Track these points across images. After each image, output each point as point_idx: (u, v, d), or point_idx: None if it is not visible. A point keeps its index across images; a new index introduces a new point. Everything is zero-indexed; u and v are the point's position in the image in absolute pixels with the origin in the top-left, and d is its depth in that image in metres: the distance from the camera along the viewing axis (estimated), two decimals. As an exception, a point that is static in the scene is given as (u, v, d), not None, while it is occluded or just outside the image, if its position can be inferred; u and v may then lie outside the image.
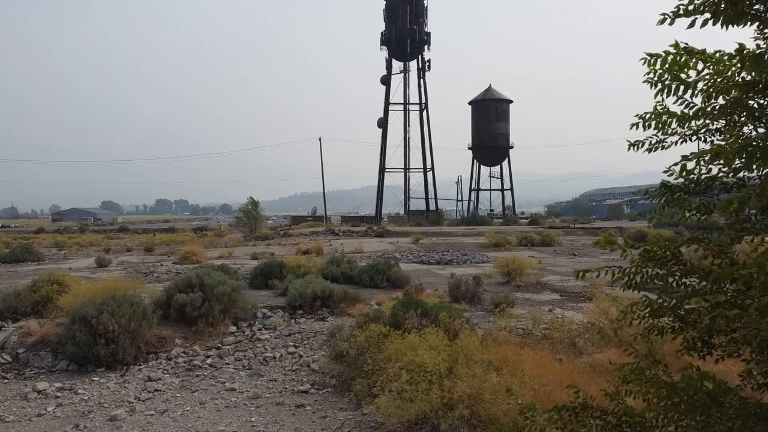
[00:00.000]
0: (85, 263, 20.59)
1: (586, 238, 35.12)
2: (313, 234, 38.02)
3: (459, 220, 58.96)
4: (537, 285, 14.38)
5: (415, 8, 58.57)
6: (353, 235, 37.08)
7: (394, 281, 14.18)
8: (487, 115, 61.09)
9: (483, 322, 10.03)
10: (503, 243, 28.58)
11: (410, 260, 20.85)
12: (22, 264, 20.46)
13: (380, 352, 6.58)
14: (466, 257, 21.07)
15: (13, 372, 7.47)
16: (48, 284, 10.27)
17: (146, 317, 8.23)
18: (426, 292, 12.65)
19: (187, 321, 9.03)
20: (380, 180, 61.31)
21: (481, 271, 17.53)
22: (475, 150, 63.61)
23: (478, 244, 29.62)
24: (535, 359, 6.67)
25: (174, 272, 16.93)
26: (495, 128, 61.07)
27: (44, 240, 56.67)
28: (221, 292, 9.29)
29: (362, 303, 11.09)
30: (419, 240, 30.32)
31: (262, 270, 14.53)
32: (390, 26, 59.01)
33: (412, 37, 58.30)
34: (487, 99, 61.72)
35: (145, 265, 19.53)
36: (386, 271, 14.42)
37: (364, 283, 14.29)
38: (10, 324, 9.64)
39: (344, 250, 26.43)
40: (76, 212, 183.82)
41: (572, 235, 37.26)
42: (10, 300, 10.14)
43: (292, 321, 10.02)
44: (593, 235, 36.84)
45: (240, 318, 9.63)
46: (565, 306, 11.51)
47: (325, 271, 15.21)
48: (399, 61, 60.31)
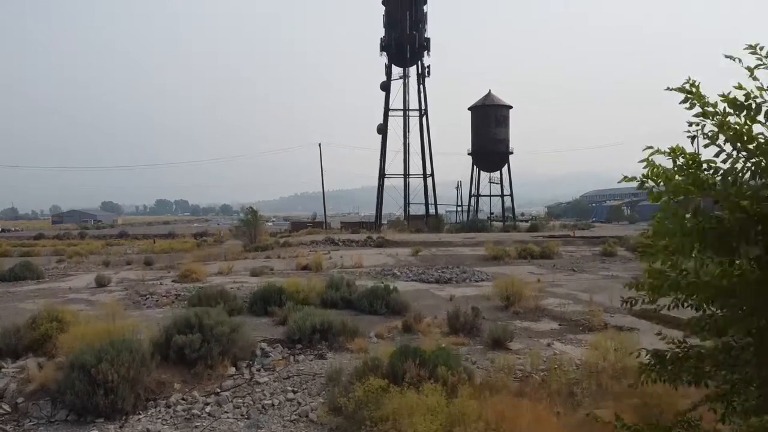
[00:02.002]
0: (85, 281, 20.61)
1: (585, 248, 35.16)
2: (313, 243, 38.03)
3: (459, 226, 58.95)
4: (536, 310, 14.39)
5: (414, 14, 58.53)
6: (353, 245, 37.09)
7: (393, 307, 14.20)
8: (487, 120, 61.06)
9: (482, 358, 10.06)
10: (503, 256, 28.63)
11: (409, 278, 20.87)
12: (22, 282, 20.48)
13: (378, 408, 6.61)
14: (465, 275, 21.08)
15: (12, 423, 7.49)
16: (47, 321, 10.28)
17: (145, 363, 8.25)
18: (425, 321, 12.68)
19: (186, 363, 9.04)
20: (380, 186, 61.31)
21: (480, 291, 17.56)
22: (474, 155, 63.61)
23: (478, 257, 29.64)
24: (533, 415, 6.69)
25: (174, 294, 16.94)
26: (495, 134, 61.03)
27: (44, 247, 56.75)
28: (220, 333, 9.31)
29: (361, 337, 11.10)
30: (418, 252, 30.33)
31: (261, 295, 14.55)
32: (389, 32, 58.98)
33: (412, 43, 58.28)
34: (486, 105, 61.68)
35: (145, 285, 19.54)
36: (385, 297, 14.44)
37: (363, 309, 14.31)
38: (10, 363, 9.67)
39: (344, 263, 26.49)
40: (75, 214, 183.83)
41: (572, 245, 37.26)
42: (10, 337, 10.16)
43: (291, 358, 10.04)
44: (593, 245, 36.91)
45: (239, 357, 9.64)
46: (564, 339, 11.53)
47: (324, 296, 15.24)
48: (399, 66, 60.29)
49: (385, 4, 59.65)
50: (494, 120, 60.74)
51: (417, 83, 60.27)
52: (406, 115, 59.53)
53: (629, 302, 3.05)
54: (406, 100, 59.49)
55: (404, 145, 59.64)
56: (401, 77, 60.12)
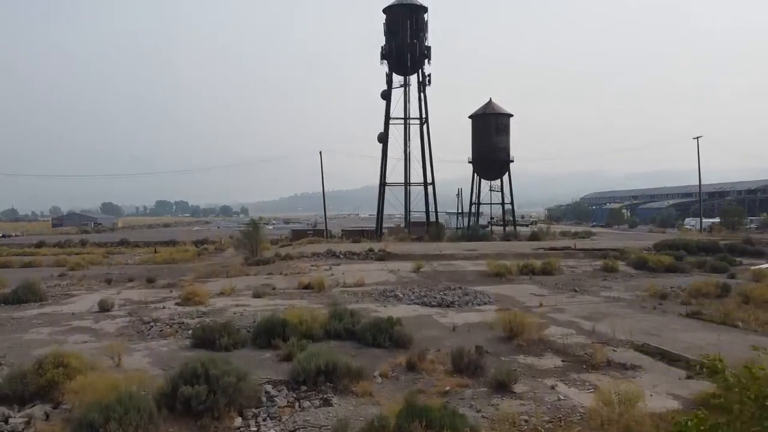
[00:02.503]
0: (88, 304, 20.65)
1: (587, 262, 35.22)
2: (315, 256, 38.08)
3: (460, 234, 59.01)
4: (539, 343, 14.42)
5: (415, 23, 58.62)
6: (354, 258, 37.12)
7: (397, 340, 14.26)
8: (488, 129, 61.14)
9: (486, 404, 10.10)
10: (504, 273, 28.66)
11: (412, 300, 20.91)
12: (25, 306, 20.51)
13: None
14: (467, 297, 21.14)
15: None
16: (53, 367, 10.33)
17: (153, 420, 8.30)
18: (429, 359, 12.74)
19: (192, 414, 9.09)
20: (380, 194, 61.38)
21: (483, 318, 17.56)
22: (475, 164, 63.69)
23: (480, 273, 29.68)
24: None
25: (177, 322, 16.99)
26: (495, 142, 61.12)
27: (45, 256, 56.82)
28: (227, 384, 9.35)
29: (366, 379, 11.16)
30: (420, 268, 30.38)
31: (265, 328, 14.60)
32: (390, 41, 59.06)
33: (413, 52, 58.38)
34: (487, 113, 61.77)
35: (148, 309, 19.59)
36: (388, 330, 14.50)
37: (367, 342, 14.37)
38: (17, 412, 9.71)
39: (345, 281, 26.51)
40: (75, 217, 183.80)
41: (573, 257, 37.32)
42: (17, 383, 10.22)
43: (296, 404, 10.10)
44: (594, 258, 36.99)
45: (245, 406, 9.70)
46: (568, 379, 11.56)
47: (327, 327, 15.31)
48: (399, 75, 60.38)
49: (386, 13, 59.78)
50: (495, 128, 60.84)
51: (418, 91, 60.44)
52: (406, 123, 59.64)
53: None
54: (406, 109, 59.66)
55: (405, 153, 59.77)
56: (402, 85, 60.24)
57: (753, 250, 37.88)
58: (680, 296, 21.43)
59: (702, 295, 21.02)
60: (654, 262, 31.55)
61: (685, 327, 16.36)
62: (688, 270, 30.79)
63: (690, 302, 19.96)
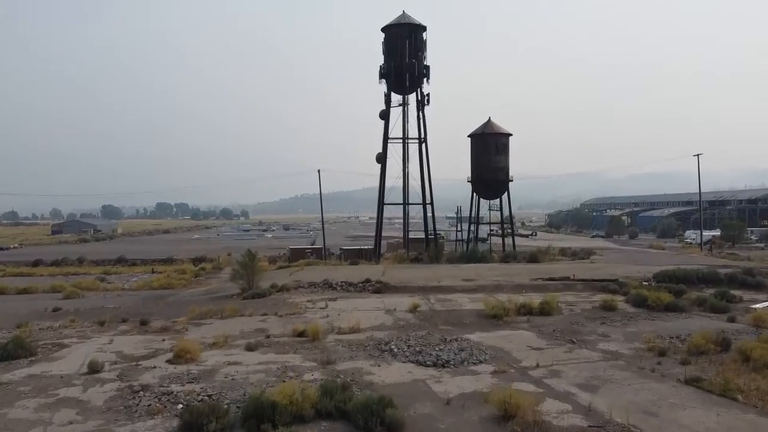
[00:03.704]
0: (78, 362, 20.40)
1: (585, 296, 35.07)
2: (311, 287, 37.92)
3: (458, 255, 58.73)
4: (534, 427, 14.14)
5: (414, 42, 58.36)
6: (351, 290, 36.97)
7: (389, 425, 14.00)
8: (487, 149, 60.90)
9: None
10: (502, 315, 28.47)
11: (407, 358, 20.73)
12: (14, 363, 20.29)
13: None
14: (463, 353, 20.97)
15: None
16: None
17: None
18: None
19: None
20: (379, 214, 61.11)
21: (478, 385, 17.37)
22: (474, 183, 63.44)
23: (477, 312, 29.56)
24: None
25: (166, 392, 16.80)
26: (494, 162, 60.88)
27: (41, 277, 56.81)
28: None
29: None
30: (417, 308, 30.23)
31: (254, 411, 14.34)
32: (389, 60, 58.81)
33: (411, 71, 58.12)
34: (486, 133, 61.50)
35: (138, 369, 19.41)
36: (380, 413, 14.24)
37: (358, 424, 14.14)
38: None
39: (341, 326, 26.33)
40: (75, 224, 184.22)
41: (572, 290, 37.15)
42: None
43: None
44: (593, 291, 36.84)
45: None
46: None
47: (318, 407, 15.07)
48: (398, 94, 60.14)
49: (385, 32, 59.54)
50: (494, 148, 60.63)
51: (416, 110, 60.21)
52: (405, 143, 59.40)
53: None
54: (405, 129, 59.40)
55: (404, 173, 59.48)
56: (400, 104, 59.99)
57: (754, 282, 37.66)
58: (679, 352, 21.24)
59: (701, 353, 20.81)
60: (653, 300, 31.35)
61: (684, 400, 16.12)
62: (687, 309, 30.66)
63: (689, 361, 19.82)
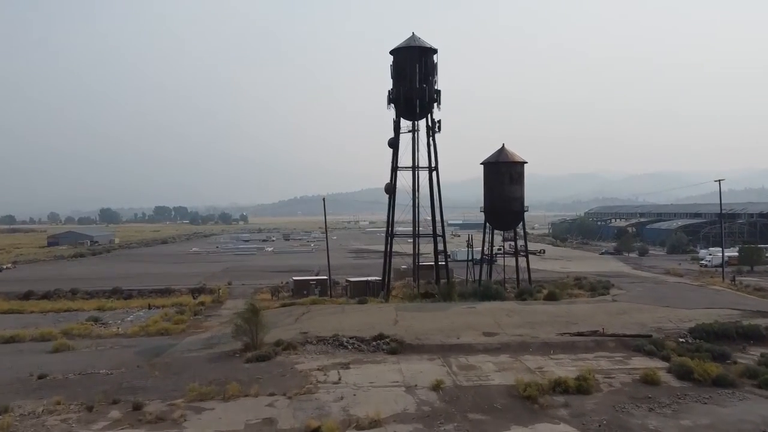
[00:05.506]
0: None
1: (620, 361, 32.38)
2: (321, 343, 35.17)
3: (471, 291, 55.80)
4: None
5: (424, 66, 55.34)
6: (363, 350, 34.31)
7: None
8: (500, 178, 57.95)
9: None
10: (536, 396, 25.77)
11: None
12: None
13: None
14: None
15: None
16: None
17: None
18: None
19: None
20: (388, 245, 58.08)
21: None
22: (487, 213, 60.46)
23: (507, 389, 27.02)
24: None
25: None
26: (508, 192, 57.92)
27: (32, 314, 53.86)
28: None
29: None
30: (441, 385, 27.57)
31: None
32: (398, 85, 55.77)
33: (422, 97, 55.08)
34: (500, 162, 58.44)
35: None
36: None
37: None
38: None
39: (358, 418, 23.63)
40: (72, 235, 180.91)
41: (603, 348, 34.53)
42: None
43: None
44: (626, 350, 34.32)
45: None
46: None
47: None
48: (407, 120, 57.18)
49: (394, 55, 56.52)
50: (508, 177, 57.73)
51: (426, 136, 57.22)
52: (415, 173, 56.38)
53: None
54: (415, 158, 56.36)
55: (413, 204, 56.50)
56: (410, 131, 57.01)
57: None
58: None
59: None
60: (700, 373, 28.68)
61: None
62: (738, 385, 28.16)
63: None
